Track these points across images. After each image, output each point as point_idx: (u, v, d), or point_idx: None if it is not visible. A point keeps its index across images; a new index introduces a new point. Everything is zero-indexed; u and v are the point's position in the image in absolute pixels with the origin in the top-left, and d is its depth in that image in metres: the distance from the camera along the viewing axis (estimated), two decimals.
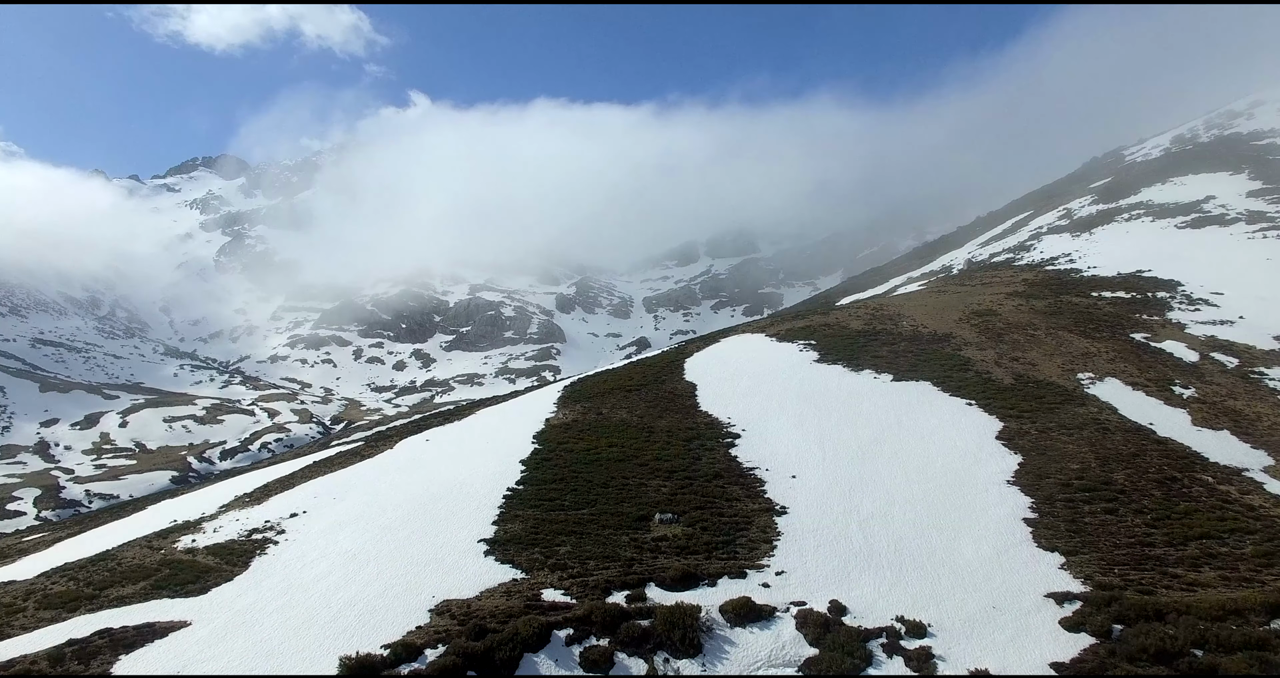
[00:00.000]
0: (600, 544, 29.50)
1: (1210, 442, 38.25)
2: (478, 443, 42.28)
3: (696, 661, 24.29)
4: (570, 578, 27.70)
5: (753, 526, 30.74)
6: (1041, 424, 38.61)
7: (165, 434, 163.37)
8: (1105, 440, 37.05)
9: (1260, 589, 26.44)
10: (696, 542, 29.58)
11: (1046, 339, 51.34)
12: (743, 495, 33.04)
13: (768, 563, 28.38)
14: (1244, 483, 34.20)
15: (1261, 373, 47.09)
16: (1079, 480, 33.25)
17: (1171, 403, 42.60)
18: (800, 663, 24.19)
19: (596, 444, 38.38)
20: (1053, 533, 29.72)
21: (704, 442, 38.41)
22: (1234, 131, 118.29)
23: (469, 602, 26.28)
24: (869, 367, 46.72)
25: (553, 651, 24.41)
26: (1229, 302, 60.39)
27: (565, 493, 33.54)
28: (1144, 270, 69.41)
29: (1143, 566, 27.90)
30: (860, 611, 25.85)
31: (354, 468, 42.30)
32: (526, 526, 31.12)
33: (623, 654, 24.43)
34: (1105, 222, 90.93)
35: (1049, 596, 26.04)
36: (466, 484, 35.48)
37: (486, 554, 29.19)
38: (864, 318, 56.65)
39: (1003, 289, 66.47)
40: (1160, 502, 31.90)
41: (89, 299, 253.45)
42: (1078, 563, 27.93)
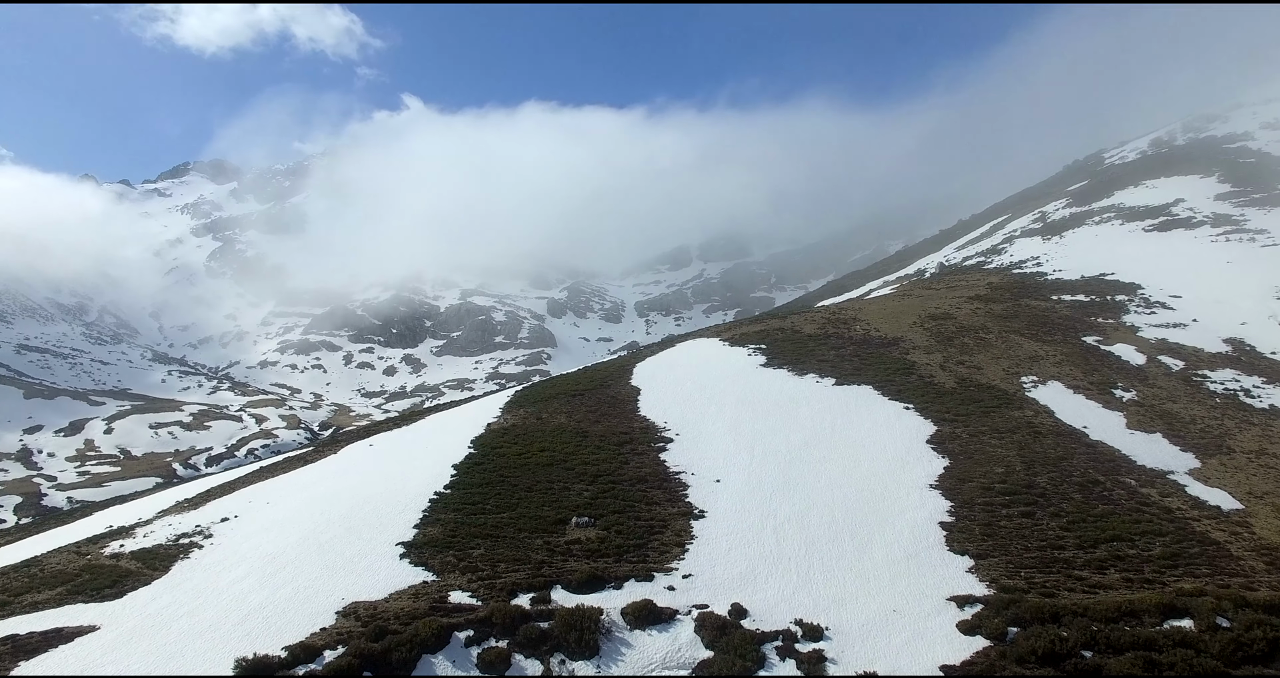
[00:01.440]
0: (514, 547, 29.67)
1: (1141, 444, 38.43)
2: (417, 448, 42.44)
3: (592, 662, 24.50)
4: (479, 580, 27.88)
5: (668, 529, 30.90)
6: (974, 428, 38.77)
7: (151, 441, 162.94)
8: (1035, 444, 37.21)
9: (1159, 591, 26.68)
10: (609, 545, 29.73)
11: (997, 343, 51.52)
12: (663, 499, 33.20)
13: (677, 566, 28.53)
14: (1166, 486, 34.39)
15: (1204, 376, 47.29)
16: (1001, 484, 33.41)
17: (1110, 406, 42.77)
18: (694, 665, 24.39)
19: (529, 449, 38.54)
20: (966, 537, 29.87)
21: (636, 446, 38.57)
22: (1209, 134, 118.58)
23: (376, 604, 26.44)
24: (813, 371, 46.89)
25: (451, 652, 24.60)
26: (1186, 305, 60.60)
27: (489, 497, 33.69)
28: (1107, 273, 69.62)
29: (1050, 568, 28.06)
30: (761, 614, 25.99)
31: (295, 473, 42.43)
32: (445, 529, 31.27)
33: (520, 656, 24.65)
34: (1077, 225, 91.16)
35: (951, 599, 26.19)
36: (396, 488, 35.63)
37: (402, 557, 29.36)
38: (818, 322, 56.83)
39: (965, 293, 66.64)
40: (1079, 505, 32.06)
41: (77, 305, 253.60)
42: (986, 566, 28.09)
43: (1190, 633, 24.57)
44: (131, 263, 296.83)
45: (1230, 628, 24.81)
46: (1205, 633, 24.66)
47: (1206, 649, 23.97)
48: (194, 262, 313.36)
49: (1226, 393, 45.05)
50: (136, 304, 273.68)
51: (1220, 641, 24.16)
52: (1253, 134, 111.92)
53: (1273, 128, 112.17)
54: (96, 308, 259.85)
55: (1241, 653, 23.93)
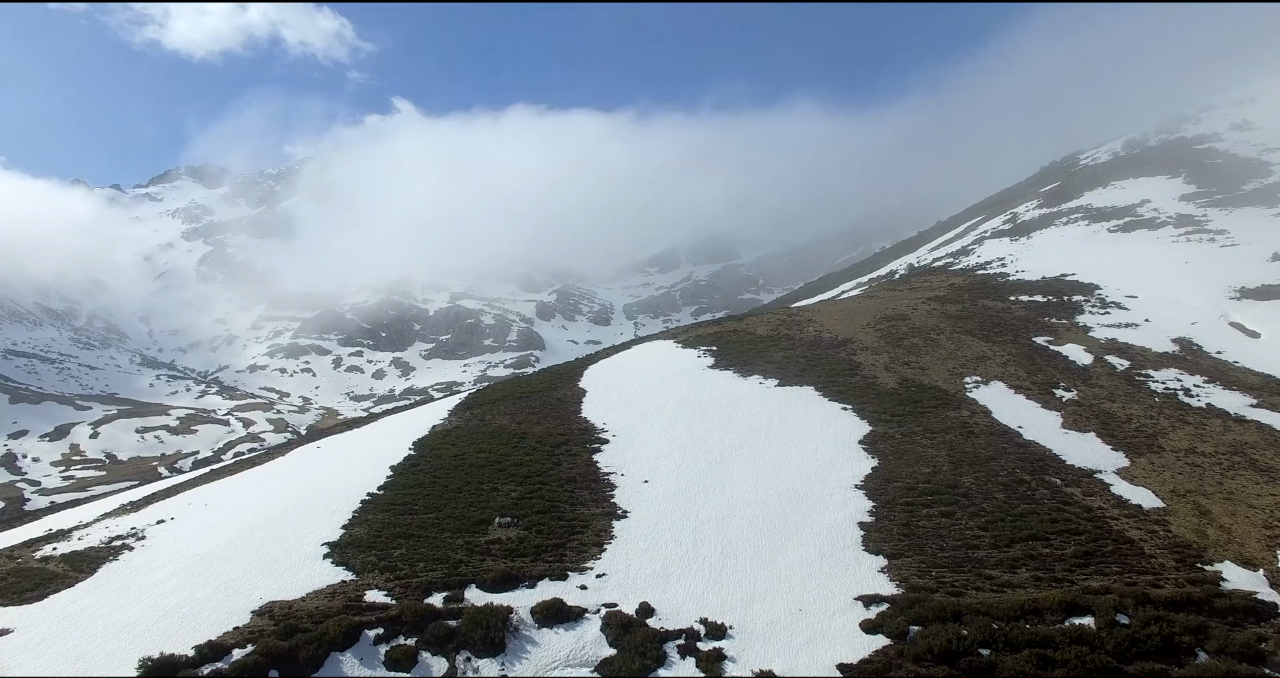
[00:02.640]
0: (435, 547, 30.01)
1: (1074, 444, 38.80)
2: (361, 450, 42.75)
3: (497, 660, 24.86)
4: (396, 580, 28.22)
5: (589, 529, 31.24)
6: (909, 428, 39.14)
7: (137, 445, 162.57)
8: (966, 444, 37.57)
9: (1065, 589, 27.06)
10: (528, 545, 30.08)
11: (947, 343, 51.90)
12: (589, 500, 33.55)
13: (592, 566, 28.86)
14: (1092, 485, 34.75)
15: (1148, 375, 47.69)
16: (926, 484, 33.77)
17: (1049, 406, 43.14)
18: (597, 663, 24.76)
19: (466, 451, 38.88)
20: (883, 537, 30.21)
21: (571, 447, 38.92)
22: (1180, 135, 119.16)
23: (293, 603, 26.78)
24: (758, 372, 47.25)
25: (360, 650, 24.94)
26: (1140, 305, 61.03)
27: (419, 498, 34.03)
28: (1068, 274, 70.07)
29: (962, 568, 28.40)
30: (669, 612, 26.33)
31: (240, 475, 42.76)
32: (372, 529, 31.59)
33: (427, 653, 25.03)
34: (1045, 226, 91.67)
35: (859, 598, 26.56)
36: (332, 490, 35.95)
37: (325, 557, 29.69)
38: (772, 324, 57.22)
39: (926, 293, 67.06)
40: (1000, 504, 32.42)
41: (66, 310, 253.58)
42: (899, 566, 28.43)
43: (1089, 630, 24.99)
44: (121, 267, 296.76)
45: (1129, 625, 25.27)
46: (1104, 630, 25.10)
47: (1102, 646, 24.40)
48: (184, 266, 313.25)
49: (1167, 392, 45.43)
50: (126, 308, 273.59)
51: (1117, 637, 24.59)
52: (1221, 135, 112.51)
53: (1241, 129, 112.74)
54: (86, 312, 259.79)
55: (1136, 649, 24.37)
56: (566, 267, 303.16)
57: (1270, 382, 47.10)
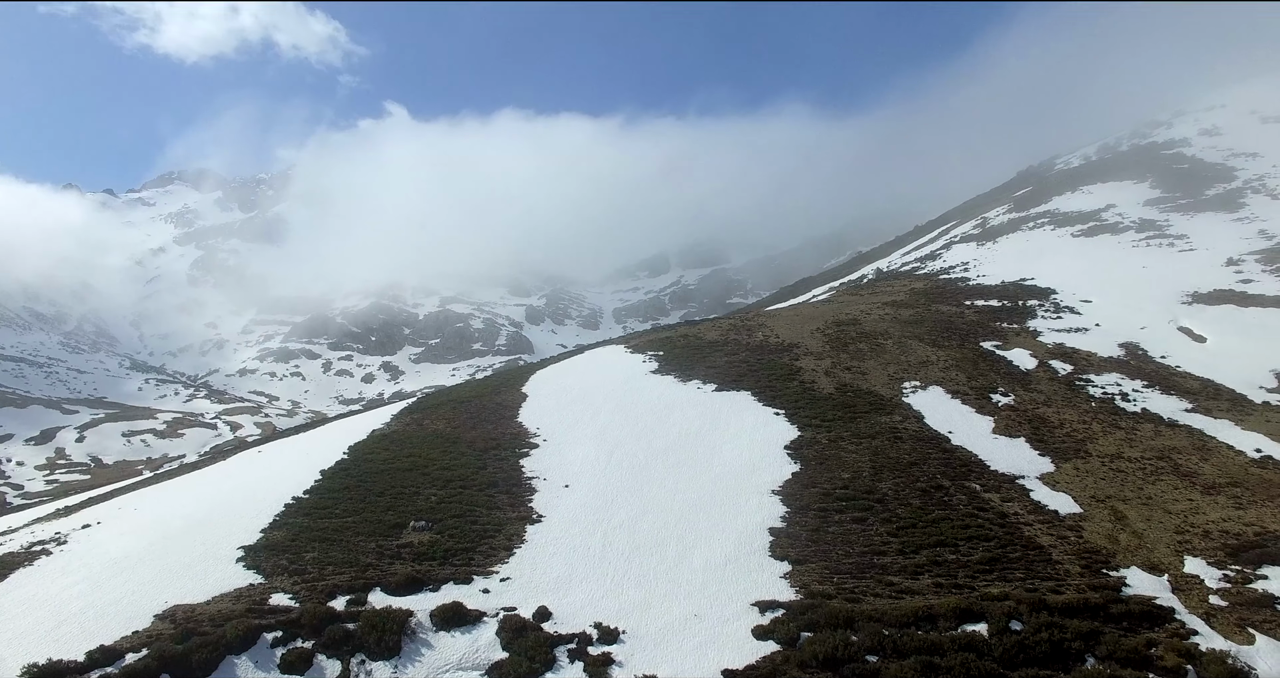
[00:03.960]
0: (347, 550, 30.26)
1: (1002, 449, 39.00)
2: (298, 454, 42.99)
3: (391, 662, 25.10)
4: (304, 583, 28.46)
5: (501, 533, 31.48)
6: (836, 433, 39.34)
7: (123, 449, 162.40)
8: (891, 449, 37.78)
9: (962, 596, 27.20)
10: (438, 549, 30.32)
11: (893, 348, 52.12)
12: (507, 504, 33.78)
13: (498, 570, 29.09)
14: (1012, 490, 34.95)
15: (1088, 380, 47.91)
16: (843, 490, 33.96)
17: (984, 411, 43.34)
18: (488, 667, 24.99)
19: (396, 455, 39.14)
20: (791, 542, 30.41)
21: (500, 452, 39.16)
22: (1151, 141, 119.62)
23: (196, 607, 27.04)
24: (698, 377, 47.46)
25: (256, 653, 25.19)
26: (1094, 309, 61.30)
27: (341, 501, 34.30)
28: (1027, 279, 70.35)
29: (864, 574, 28.59)
30: (565, 616, 26.56)
31: (178, 479, 43.05)
32: (289, 533, 31.85)
33: (323, 656, 25.27)
34: (1012, 230, 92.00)
35: (755, 604, 26.78)
36: (260, 493, 36.22)
37: (238, 561, 29.95)
38: (723, 329, 57.45)
39: (885, 298, 67.34)
40: (915, 510, 32.61)
41: (56, 314, 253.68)
42: (802, 572, 28.64)
43: (979, 637, 25.20)
44: (113, 272, 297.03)
45: (1020, 631, 25.48)
46: (995, 636, 25.33)
47: (990, 653, 24.64)
48: (176, 270, 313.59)
49: (1105, 397, 45.65)
50: (117, 313, 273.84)
51: (1005, 644, 24.82)
52: (1190, 140, 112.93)
53: (1210, 134, 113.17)
54: (76, 317, 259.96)
55: (1024, 655, 24.59)
56: (556, 271, 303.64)
57: (1208, 386, 47.35)
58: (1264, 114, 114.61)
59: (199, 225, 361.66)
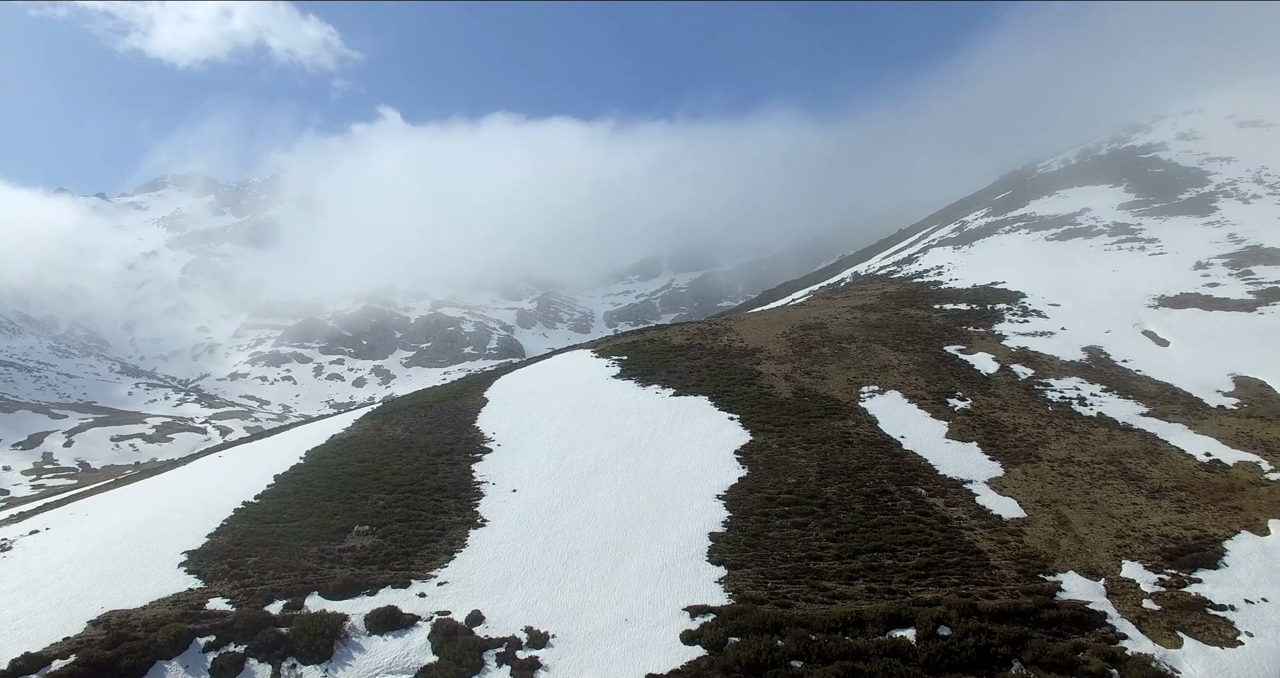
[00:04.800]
0: (289, 555, 30.43)
1: (953, 454, 39.20)
2: (257, 459, 43.11)
3: (321, 666, 25.30)
4: (243, 587, 28.64)
5: (444, 537, 31.67)
6: (788, 438, 39.53)
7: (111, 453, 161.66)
8: (840, 454, 37.97)
9: (895, 601, 27.38)
10: (379, 553, 30.50)
11: (855, 352, 52.32)
12: (453, 509, 33.97)
13: (437, 574, 29.27)
14: (958, 495, 35.14)
15: (1047, 384, 48.14)
16: (788, 495, 34.15)
17: (939, 415, 43.54)
18: (418, 670, 25.20)
19: (350, 460, 39.32)
20: (730, 547, 30.58)
21: (454, 456, 39.32)
22: (1129, 145, 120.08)
23: (132, 612, 27.20)
24: (658, 382, 47.65)
25: (188, 657, 25.37)
26: (1061, 313, 61.58)
27: (290, 506, 34.46)
28: (998, 282, 70.64)
29: (799, 579, 28.77)
30: (498, 620, 26.78)
31: (137, 484, 43.19)
32: (234, 537, 32.01)
33: (254, 660, 25.47)
34: (988, 234, 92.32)
35: (687, 609, 26.96)
36: (212, 498, 36.41)
37: (180, 565, 30.14)
38: (689, 333, 57.63)
39: (856, 302, 67.56)
40: (857, 515, 32.79)
41: (47, 318, 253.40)
42: (737, 577, 28.83)
43: (906, 642, 25.41)
44: (105, 276, 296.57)
45: (948, 636, 25.64)
46: (922, 642, 25.55)
47: (915, 658, 24.86)
48: (168, 274, 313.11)
49: (1062, 401, 45.89)
50: (108, 317, 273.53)
51: (931, 649, 25.03)
52: (1167, 145, 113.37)
53: (1186, 139, 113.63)
54: (67, 321, 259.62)
55: (949, 661, 24.80)
56: (548, 274, 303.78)
57: (1166, 390, 47.61)
58: (1240, 119, 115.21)
59: (191, 229, 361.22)
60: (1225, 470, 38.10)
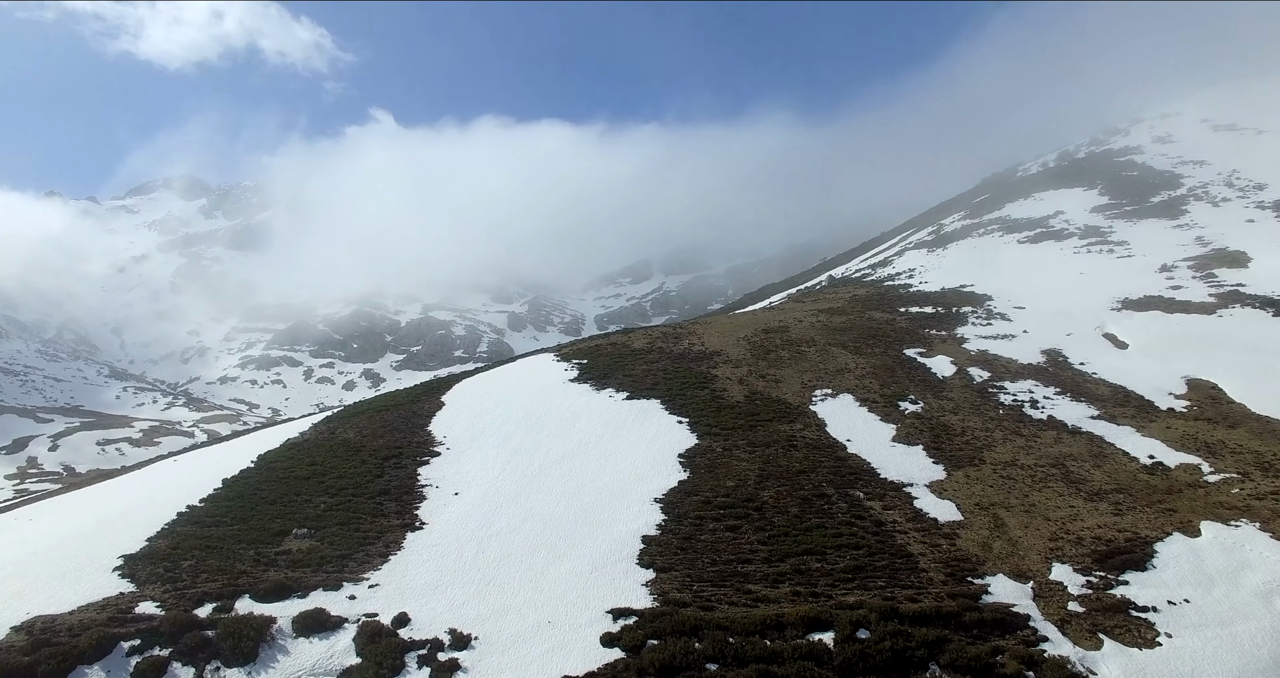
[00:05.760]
0: (224, 558, 30.64)
1: (897, 457, 39.44)
2: (210, 463, 43.30)
3: (245, 668, 25.50)
4: (174, 591, 28.84)
5: (380, 540, 31.89)
6: (733, 442, 39.78)
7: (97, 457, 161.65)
8: (783, 457, 38.22)
9: (816, 604, 27.59)
10: (314, 556, 30.72)
11: (814, 355, 52.60)
12: (393, 512, 34.19)
13: (369, 576, 29.48)
14: (896, 498, 35.36)
15: (1002, 387, 48.44)
16: (725, 498, 34.36)
17: (889, 418, 43.80)
18: (340, 672, 25.44)
19: (297, 463, 39.56)
20: (661, 550, 30.81)
21: (401, 460, 39.55)
22: (1107, 148, 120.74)
23: (59, 617, 27.34)
24: (613, 385, 47.90)
25: (109, 662, 25.51)
26: (1026, 316, 61.92)
27: (232, 510, 34.69)
28: (967, 285, 70.99)
29: (726, 582, 28.95)
30: (423, 622, 26.99)
31: (88, 488, 43.34)
32: (172, 541, 32.22)
33: (178, 664, 25.64)
34: (963, 237, 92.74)
35: (611, 611, 27.16)
36: (157, 502, 36.64)
37: (115, 569, 30.32)
38: (651, 337, 57.91)
39: (824, 305, 67.89)
40: (791, 518, 33.01)
41: (35, 322, 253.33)
42: (664, 580, 29.04)
43: (823, 645, 25.58)
44: (94, 279, 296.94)
45: (865, 639, 25.83)
46: (839, 645, 25.72)
47: (830, 661, 25.04)
48: (159, 278, 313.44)
49: (1015, 404, 46.17)
50: (98, 321, 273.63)
51: (847, 652, 25.22)
52: (1143, 148, 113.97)
53: (1163, 142, 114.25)
54: (55, 324, 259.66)
55: (864, 663, 24.96)
56: (539, 278, 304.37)
57: (1119, 393, 47.89)
58: (1215, 122, 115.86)
59: (182, 233, 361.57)
60: (1166, 473, 38.36)
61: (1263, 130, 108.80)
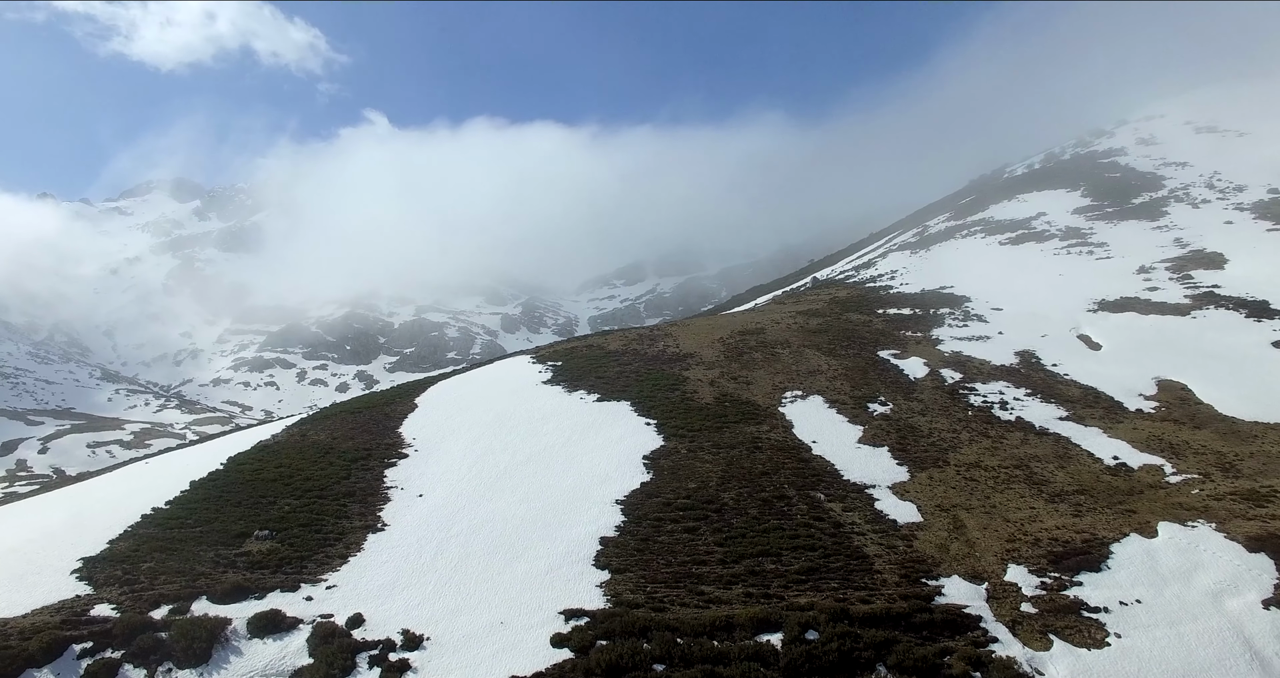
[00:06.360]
0: (184, 560, 30.80)
1: (862, 459, 39.63)
2: (178, 465, 43.48)
3: (197, 670, 25.64)
4: (131, 593, 28.97)
5: (341, 542, 32.08)
6: (698, 443, 39.96)
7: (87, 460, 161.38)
8: (747, 459, 38.39)
9: (767, 605, 27.75)
10: (275, 557, 30.89)
11: (787, 358, 52.80)
12: (356, 513, 34.36)
13: (327, 577, 29.65)
14: (857, 500, 35.54)
15: (973, 388, 48.65)
16: (685, 500, 34.54)
17: (856, 420, 44.00)
18: (292, 672, 25.64)
19: (266, 465, 39.72)
20: (618, 552, 30.98)
21: (369, 461, 39.72)
22: (1091, 149, 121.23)
23: (11, 620, 27.53)
24: (585, 387, 48.09)
25: (60, 665, 25.62)
26: (1002, 317, 62.14)
27: (198, 511, 34.88)
28: (946, 287, 71.23)
29: (679, 583, 29.13)
30: (378, 623, 27.17)
31: (63, 489, 43.56)
32: (134, 543, 32.37)
33: (129, 666, 25.75)
34: (947, 239, 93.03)
35: (563, 612, 27.34)
36: (124, 504, 36.77)
37: (73, 573, 30.45)
38: (627, 339, 58.11)
39: (804, 306, 68.15)
40: (750, 520, 33.17)
41: (26, 324, 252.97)
42: (618, 581, 29.22)
43: (771, 647, 25.72)
44: (87, 281, 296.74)
45: (813, 641, 25.98)
46: (787, 646, 25.85)
47: (776, 662, 25.16)
48: (152, 280, 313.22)
49: (984, 405, 46.38)
50: (90, 323, 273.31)
51: (794, 653, 25.37)
52: (1127, 149, 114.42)
53: (1146, 144, 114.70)
54: (47, 327, 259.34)
55: (810, 665, 25.11)
56: (533, 279, 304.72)
57: (1089, 394, 48.13)
58: (1198, 125, 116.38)
59: (176, 235, 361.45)
60: (1129, 474, 38.59)
61: (1244, 132, 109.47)
